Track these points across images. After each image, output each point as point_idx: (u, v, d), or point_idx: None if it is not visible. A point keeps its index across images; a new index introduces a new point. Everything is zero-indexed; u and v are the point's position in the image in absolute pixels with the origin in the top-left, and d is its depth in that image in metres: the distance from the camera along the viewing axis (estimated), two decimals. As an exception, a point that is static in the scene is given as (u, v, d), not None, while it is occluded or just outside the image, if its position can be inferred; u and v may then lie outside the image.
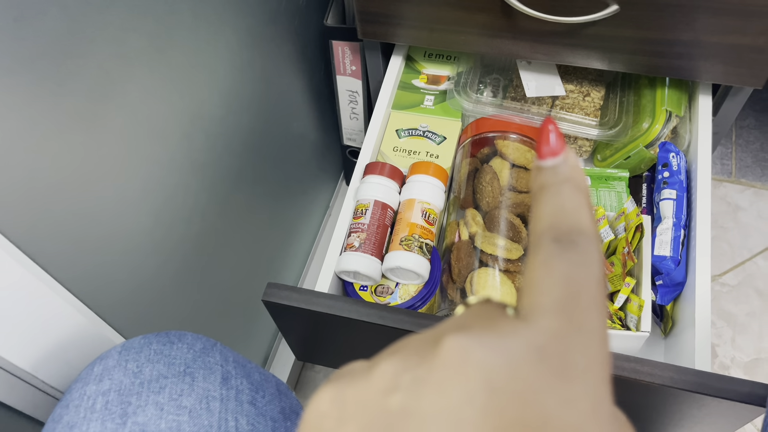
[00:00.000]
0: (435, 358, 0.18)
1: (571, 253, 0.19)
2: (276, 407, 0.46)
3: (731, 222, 1.12)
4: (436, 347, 0.18)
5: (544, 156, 0.21)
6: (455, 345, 0.17)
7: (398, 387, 0.18)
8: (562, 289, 0.18)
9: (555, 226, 0.19)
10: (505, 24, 0.66)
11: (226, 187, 0.73)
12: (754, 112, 1.25)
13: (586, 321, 0.18)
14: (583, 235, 0.19)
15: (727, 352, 1.01)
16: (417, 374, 0.18)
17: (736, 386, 0.49)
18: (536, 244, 0.20)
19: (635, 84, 0.75)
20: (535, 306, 0.18)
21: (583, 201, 0.20)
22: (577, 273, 0.18)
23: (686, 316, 0.61)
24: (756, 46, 0.61)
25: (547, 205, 0.20)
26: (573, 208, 0.20)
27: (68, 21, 0.45)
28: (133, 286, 0.59)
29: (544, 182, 0.21)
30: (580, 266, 0.18)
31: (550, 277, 0.18)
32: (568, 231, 0.19)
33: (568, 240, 0.19)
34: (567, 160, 0.21)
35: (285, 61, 0.82)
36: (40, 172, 0.45)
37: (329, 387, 0.20)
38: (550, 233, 0.19)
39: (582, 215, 0.20)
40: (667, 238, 0.63)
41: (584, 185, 0.21)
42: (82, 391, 0.42)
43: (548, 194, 0.20)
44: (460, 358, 0.17)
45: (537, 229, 0.20)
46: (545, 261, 0.19)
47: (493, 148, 0.70)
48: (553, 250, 0.19)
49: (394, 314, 0.55)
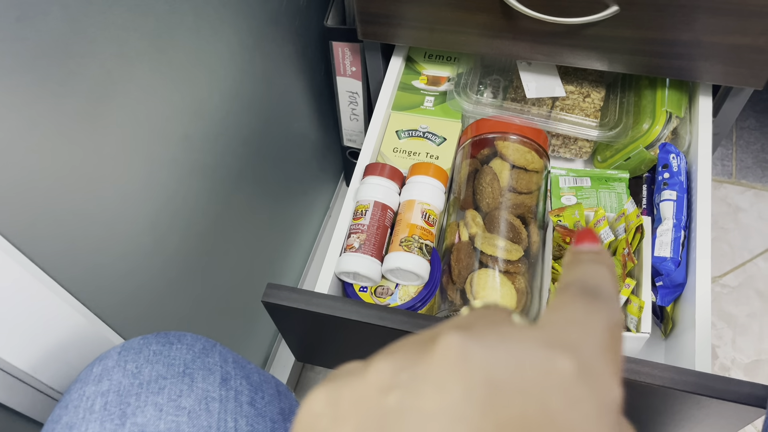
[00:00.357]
0: (433, 356, 0.17)
1: (594, 299, 0.20)
2: (275, 408, 0.46)
3: (732, 223, 1.12)
4: (434, 345, 0.18)
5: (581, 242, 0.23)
6: (454, 342, 0.17)
7: (395, 385, 0.18)
8: (580, 314, 0.19)
9: (583, 281, 0.21)
10: (505, 25, 0.66)
11: (226, 187, 0.73)
12: (754, 113, 1.25)
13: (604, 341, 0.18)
14: (608, 292, 0.20)
15: (728, 353, 1.01)
16: (415, 372, 0.17)
17: (736, 387, 0.49)
18: (563, 288, 0.21)
19: (635, 85, 0.75)
20: (554, 319, 0.19)
21: (613, 276, 0.21)
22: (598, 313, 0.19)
23: (686, 317, 0.61)
24: (756, 46, 0.61)
25: (578, 268, 0.22)
26: (602, 274, 0.21)
27: (70, 21, 0.45)
28: (132, 286, 0.59)
29: (578, 256, 0.22)
30: (602, 311, 0.19)
31: (573, 306, 0.19)
32: (594, 286, 0.20)
33: (593, 292, 0.20)
34: (602, 251, 0.23)
35: (285, 62, 0.82)
36: (40, 172, 0.45)
37: (323, 387, 0.19)
38: (579, 284, 0.21)
39: (609, 280, 0.21)
40: (667, 239, 0.63)
41: (613, 268, 0.22)
42: (81, 391, 0.42)
43: (580, 262, 0.22)
44: (460, 355, 0.17)
45: (566, 280, 0.21)
46: (571, 297, 0.20)
47: (493, 149, 0.70)
48: (579, 294, 0.20)
49: (393, 315, 0.54)
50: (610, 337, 0.18)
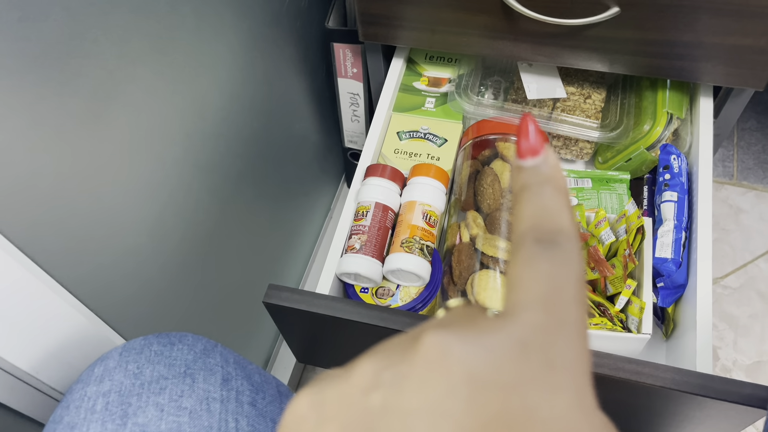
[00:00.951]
0: (415, 355, 0.18)
1: (552, 252, 0.19)
2: (276, 408, 0.46)
3: (733, 224, 1.12)
4: (415, 344, 0.18)
5: (524, 155, 0.21)
6: (435, 341, 0.18)
7: (378, 384, 0.18)
8: (544, 286, 0.18)
9: (536, 227, 0.20)
10: (506, 26, 0.66)
11: (227, 188, 0.73)
12: (755, 114, 1.24)
13: (568, 316, 0.18)
14: (564, 236, 0.19)
15: (729, 354, 1.00)
16: (397, 371, 0.18)
17: (737, 388, 0.49)
18: (518, 243, 0.20)
19: (636, 86, 0.75)
20: (517, 302, 0.18)
21: (564, 202, 0.20)
22: (558, 271, 0.19)
23: (687, 318, 0.61)
24: (757, 47, 0.61)
25: (528, 206, 0.20)
26: (554, 209, 0.20)
27: (71, 22, 0.45)
28: (134, 287, 0.59)
29: (525, 183, 0.21)
30: (562, 265, 0.19)
31: (532, 275, 0.19)
32: (550, 231, 0.19)
33: (549, 240, 0.19)
34: (547, 159, 0.21)
35: (286, 63, 0.83)
36: (42, 172, 0.45)
37: (307, 390, 0.20)
38: (532, 234, 0.20)
39: (563, 216, 0.20)
40: (668, 240, 0.63)
41: (564, 186, 0.21)
42: (82, 392, 0.42)
43: (529, 195, 0.20)
44: (441, 353, 0.17)
45: (519, 230, 0.20)
46: (527, 260, 0.19)
47: (494, 151, 0.70)
48: (535, 250, 0.19)
49: (395, 316, 0.54)
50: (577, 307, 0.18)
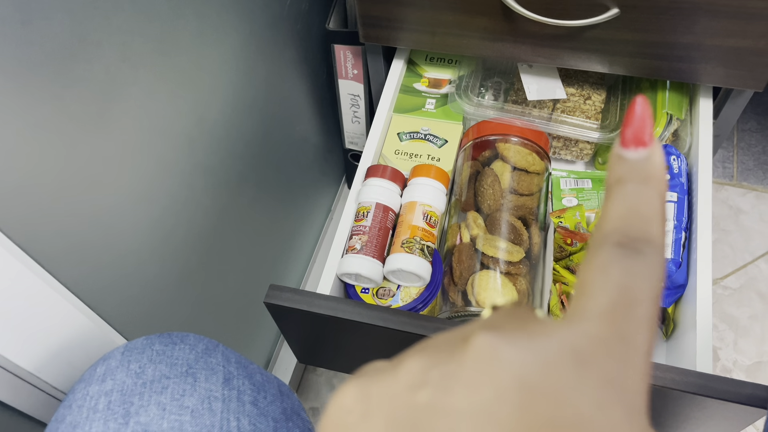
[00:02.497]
0: (465, 355, 0.17)
1: (633, 261, 0.17)
2: (278, 408, 0.46)
3: (733, 225, 1.12)
4: (465, 344, 0.18)
5: (628, 144, 0.19)
6: (486, 342, 0.17)
7: (426, 382, 0.17)
8: (614, 297, 0.17)
9: (623, 231, 0.18)
10: (506, 27, 0.67)
11: (229, 189, 0.73)
12: (755, 116, 1.25)
13: (634, 335, 0.17)
14: (651, 246, 0.18)
15: (730, 355, 1.00)
16: (446, 370, 0.17)
17: (737, 388, 0.49)
18: (598, 244, 0.18)
19: (636, 87, 0.76)
20: (581, 310, 0.17)
21: (660, 209, 0.18)
22: (635, 284, 0.17)
23: (687, 318, 0.61)
24: (756, 48, 0.61)
25: (619, 205, 0.18)
26: (647, 214, 0.18)
27: (74, 25, 0.45)
28: (135, 287, 0.59)
29: (623, 176, 0.19)
30: (640, 278, 0.17)
31: (605, 282, 0.17)
32: (636, 238, 0.18)
33: (633, 247, 0.18)
34: (653, 155, 0.19)
35: (287, 65, 0.83)
36: (44, 174, 0.46)
37: (353, 383, 0.19)
38: (616, 236, 0.18)
39: (655, 225, 0.18)
40: (668, 240, 0.63)
41: (665, 191, 0.19)
42: (84, 391, 0.42)
43: (624, 192, 0.18)
44: (492, 355, 0.17)
45: (602, 228, 0.18)
46: (604, 264, 0.18)
47: (495, 151, 0.70)
48: (615, 255, 0.18)
49: (395, 316, 0.55)
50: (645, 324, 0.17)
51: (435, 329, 0.54)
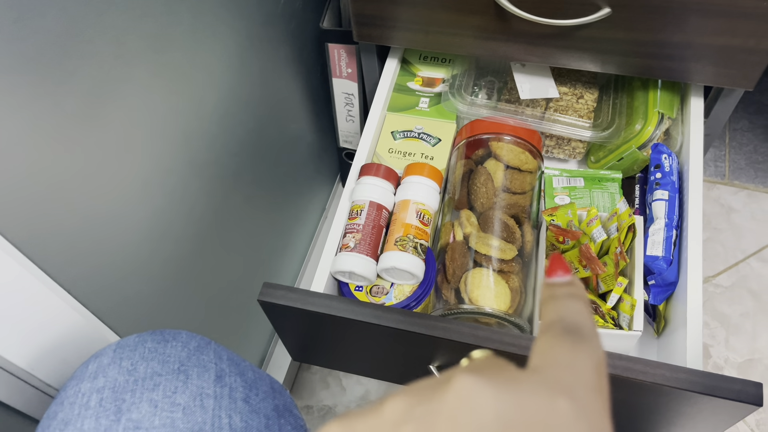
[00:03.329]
0: (447, 393, 0.19)
1: (576, 338, 0.22)
2: (270, 405, 0.46)
3: (725, 223, 1.13)
4: (447, 384, 0.19)
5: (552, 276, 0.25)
6: (467, 382, 0.19)
7: (410, 419, 0.19)
8: (570, 356, 0.21)
9: (563, 319, 0.23)
10: (499, 26, 0.67)
11: (223, 188, 0.73)
12: (747, 115, 1.25)
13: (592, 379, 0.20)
14: (588, 330, 0.22)
15: (721, 352, 1.01)
16: (429, 408, 0.19)
17: (727, 384, 0.50)
18: (547, 328, 0.23)
19: (628, 86, 0.76)
20: (545, 363, 0.21)
21: (588, 309, 0.23)
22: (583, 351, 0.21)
23: (678, 315, 0.61)
24: (746, 47, 0.61)
25: (556, 306, 0.24)
26: (580, 311, 0.23)
27: (67, 22, 0.45)
28: (129, 285, 0.59)
29: (554, 292, 0.24)
30: (586, 350, 0.21)
31: (559, 347, 0.21)
32: (575, 325, 0.22)
33: (575, 331, 0.22)
34: (574, 282, 0.25)
35: (281, 64, 0.83)
36: (38, 172, 0.46)
37: (337, 421, 0.20)
38: (559, 324, 0.23)
39: (587, 317, 0.23)
40: (659, 238, 0.64)
41: (586, 300, 0.24)
42: (76, 388, 0.42)
43: (556, 300, 0.24)
44: (473, 392, 0.19)
45: (546, 320, 0.23)
46: (556, 337, 0.22)
47: (488, 150, 0.70)
48: (562, 334, 0.22)
49: (389, 314, 0.55)
50: (598, 376, 0.20)
51: (428, 326, 0.54)
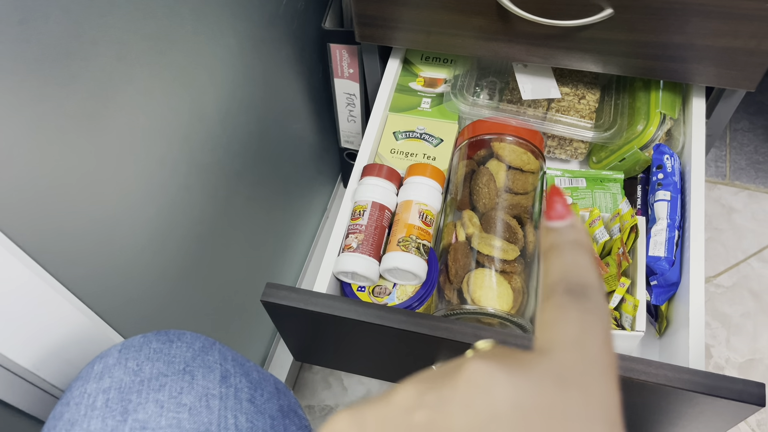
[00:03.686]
0: (460, 379, 0.19)
1: (582, 302, 0.21)
2: (274, 405, 0.46)
3: (726, 224, 1.13)
4: (459, 370, 0.19)
5: (553, 218, 0.23)
6: (480, 368, 0.19)
7: (422, 405, 0.19)
8: (576, 329, 0.20)
9: (566, 279, 0.22)
10: (501, 27, 0.67)
11: (225, 188, 0.73)
12: (748, 115, 1.26)
13: (600, 356, 0.20)
14: (593, 289, 0.21)
15: (722, 352, 1.01)
16: (442, 393, 0.19)
17: (729, 384, 0.50)
18: (549, 293, 0.22)
19: (630, 87, 0.76)
20: (553, 341, 0.20)
21: (591, 261, 0.22)
22: (588, 318, 0.20)
23: (680, 316, 0.62)
24: (748, 48, 0.62)
25: (557, 262, 0.22)
26: (582, 266, 0.22)
27: (71, 24, 0.45)
28: (133, 286, 0.59)
29: (554, 242, 0.23)
30: (591, 313, 0.21)
31: (565, 319, 0.20)
32: (579, 284, 0.21)
33: (579, 292, 0.21)
34: (576, 223, 0.23)
35: (283, 64, 0.83)
36: (42, 173, 0.46)
37: (347, 410, 0.20)
38: (563, 285, 0.21)
39: (590, 273, 0.22)
40: (661, 238, 0.64)
41: (590, 247, 0.23)
42: (82, 389, 0.42)
43: (558, 252, 0.22)
44: (486, 378, 0.19)
45: (549, 281, 0.22)
46: (559, 306, 0.21)
47: (490, 150, 0.70)
48: (566, 299, 0.21)
49: (391, 314, 0.55)
50: (607, 349, 0.20)
51: (430, 327, 0.54)
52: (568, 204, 0.24)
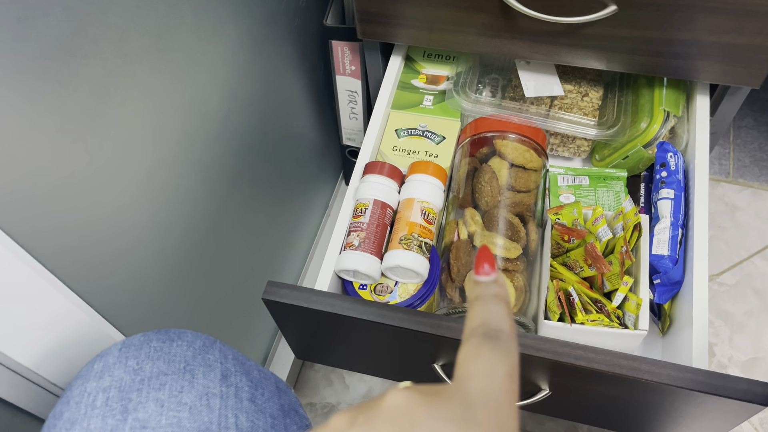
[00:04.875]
0: (384, 403, 0.24)
1: (495, 343, 0.26)
2: (275, 404, 0.46)
3: (729, 222, 1.13)
4: (384, 398, 0.24)
5: (480, 274, 0.29)
6: (401, 394, 0.24)
7: (354, 425, 0.23)
8: (486, 363, 0.25)
9: (485, 324, 0.27)
10: (503, 24, 0.67)
11: (226, 186, 0.73)
12: (752, 112, 1.25)
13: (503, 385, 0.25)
14: (505, 334, 0.27)
15: (725, 351, 1.01)
16: (369, 414, 0.23)
17: (733, 384, 0.50)
18: (470, 335, 0.27)
19: (633, 84, 0.76)
20: (465, 373, 0.25)
21: (508, 311, 0.28)
22: (497, 355, 0.25)
23: (684, 314, 0.61)
24: (753, 45, 0.61)
25: (479, 310, 0.28)
26: (500, 315, 0.27)
27: (71, 21, 0.45)
28: (133, 284, 0.59)
29: (479, 293, 0.29)
30: (501, 351, 0.26)
31: (477, 355, 0.25)
32: (495, 329, 0.27)
33: (493, 335, 0.26)
34: (498, 280, 0.29)
35: (285, 61, 0.83)
36: (42, 170, 0.46)
37: None
38: (481, 329, 0.27)
39: (505, 320, 0.27)
40: (664, 237, 0.64)
41: (508, 300, 0.29)
42: (82, 387, 0.42)
43: (481, 303, 0.28)
44: (406, 401, 0.23)
45: (471, 325, 0.27)
46: (475, 345, 0.26)
47: (492, 148, 0.70)
48: (483, 340, 0.26)
49: (393, 312, 0.55)
50: (510, 382, 0.25)
51: (432, 325, 0.54)
52: (494, 262, 0.29)
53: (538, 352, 0.52)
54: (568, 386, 0.57)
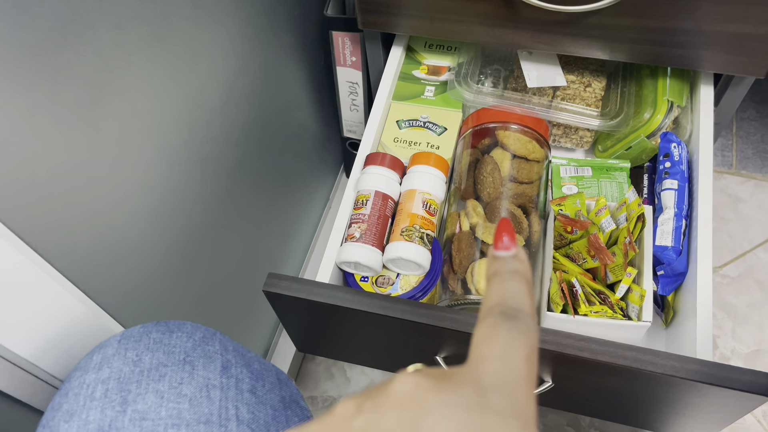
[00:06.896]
0: (391, 388, 0.22)
1: (513, 323, 0.24)
2: (276, 396, 0.46)
3: (732, 213, 1.12)
4: (391, 382, 0.22)
5: (500, 248, 0.27)
6: (409, 378, 0.22)
7: (360, 411, 0.22)
8: (502, 345, 0.23)
9: (503, 303, 0.25)
10: (506, 13, 0.66)
11: (226, 177, 0.73)
12: (754, 104, 1.24)
13: (520, 368, 0.22)
14: (524, 314, 0.24)
15: (728, 343, 1.01)
16: (377, 401, 0.22)
17: (737, 375, 0.49)
18: (486, 313, 0.25)
19: (637, 74, 0.75)
20: (480, 355, 0.23)
21: (528, 289, 0.26)
22: (515, 336, 0.23)
23: (687, 306, 0.61)
24: (757, 34, 0.60)
25: (498, 287, 0.25)
26: (519, 293, 0.25)
27: (67, 8, 0.44)
28: (133, 276, 0.59)
29: (497, 269, 0.26)
30: (519, 332, 0.23)
31: (494, 336, 0.23)
32: (513, 308, 0.24)
33: (512, 315, 0.24)
34: (518, 255, 0.27)
35: (285, 52, 0.82)
36: (39, 160, 0.45)
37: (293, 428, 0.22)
38: (498, 308, 0.24)
39: (525, 299, 0.25)
40: (668, 228, 0.63)
41: (529, 278, 0.26)
42: (81, 379, 0.42)
43: (500, 279, 0.26)
44: (414, 385, 0.22)
45: (488, 303, 0.25)
46: (493, 325, 0.24)
47: (494, 139, 0.69)
48: (499, 319, 0.24)
49: (395, 304, 0.54)
50: (528, 365, 0.23)
51: (434, 317, 0.54)
52: (515, 236, 0.27)
53: (541, 343, 0.51)
54: (571, 378, 0.56)
